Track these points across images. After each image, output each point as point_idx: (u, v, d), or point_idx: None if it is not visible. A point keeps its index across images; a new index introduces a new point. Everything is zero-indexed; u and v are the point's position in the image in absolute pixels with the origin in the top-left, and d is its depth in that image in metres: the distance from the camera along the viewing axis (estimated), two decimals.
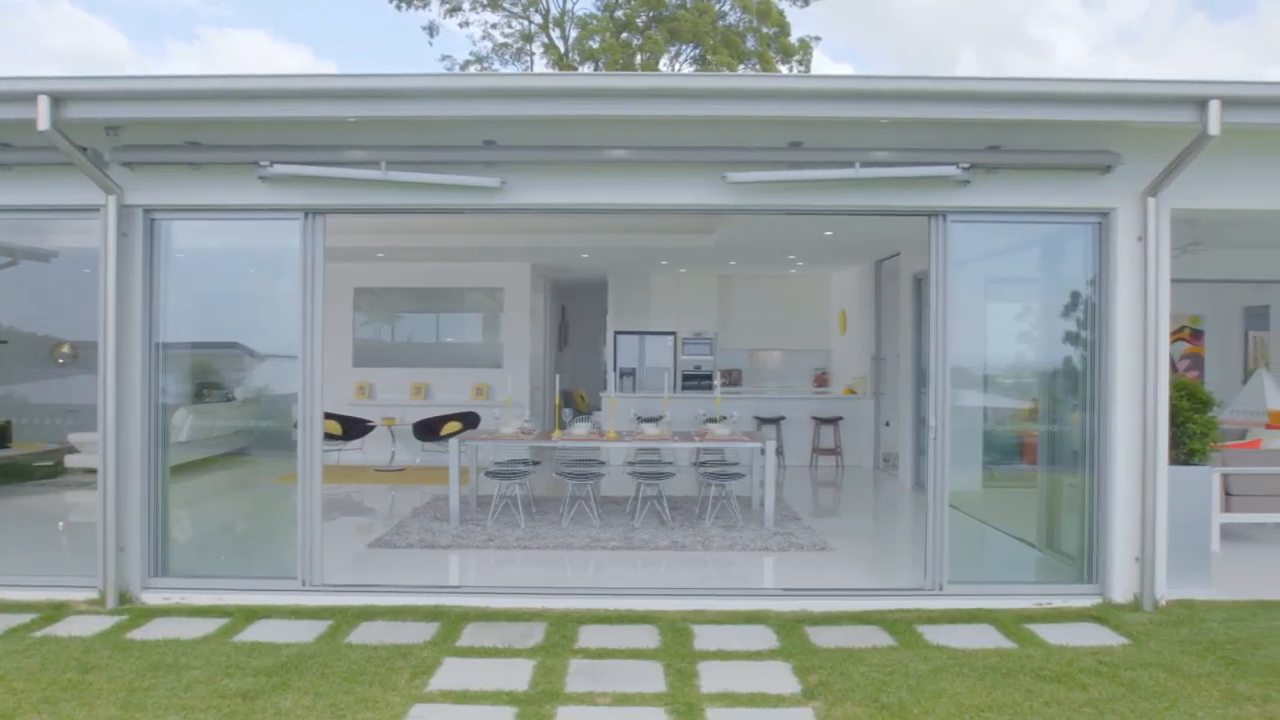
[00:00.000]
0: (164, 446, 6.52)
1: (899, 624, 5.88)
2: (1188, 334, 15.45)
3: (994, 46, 44.31)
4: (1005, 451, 7.45)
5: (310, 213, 6.42)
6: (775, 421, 12.98)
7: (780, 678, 4.95)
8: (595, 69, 30.87)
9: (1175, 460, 6.61)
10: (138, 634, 5.61)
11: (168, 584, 6.40)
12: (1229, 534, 8.45)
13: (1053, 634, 5.72)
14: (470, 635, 5.62)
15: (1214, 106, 5.56)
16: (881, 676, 4.93)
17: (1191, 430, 6.63)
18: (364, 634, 5.62)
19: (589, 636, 5.62)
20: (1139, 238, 6.27)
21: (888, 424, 12.76)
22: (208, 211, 6.49)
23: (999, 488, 7.50)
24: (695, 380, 15.25)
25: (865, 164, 6.00)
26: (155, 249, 6.46)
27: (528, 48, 32.20)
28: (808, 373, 16.05)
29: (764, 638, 5.62)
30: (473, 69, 31.14)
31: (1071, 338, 6.72)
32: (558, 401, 9.32)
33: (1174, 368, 15.25)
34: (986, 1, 43.39)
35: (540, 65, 31.81)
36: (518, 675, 4.94)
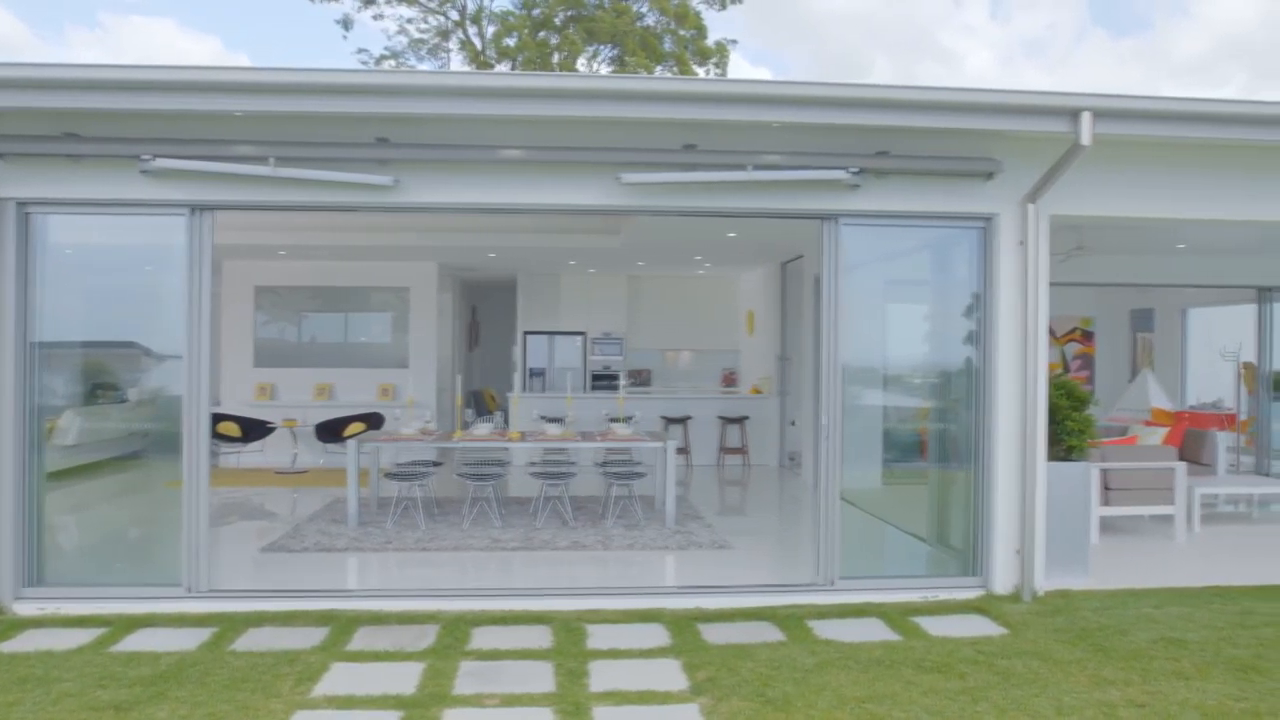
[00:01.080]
0: (39, 450, 6.26)
1: (790, 619, 5.99)
2: (1079, 335, 16.06)
3: (908, 55, 45.48)
4: (899, 448, 7.66)
5: (196, 208, 6.23)
6: (682, 421, 13.09)
7: (670, 675, 4.99)
8: (512, 67, 30.71)
9: (1054, 456, 6.87)
10: (6, 647, 5.37)
11: (43, 594, 6.14)
12: (1108, 526, 8.82)
13: (937, 626, 5.89)
14: (361, 639, 5.54)
15: (1086, 118, 5.80)
16: (769, 671, 5.01)
17: (1070, 427, 6.90)
18: (250, 640, 5.49)
19: (482, 638, 5.59)
20: (1020, 242, 6.50)
21: (793, 423, 12.98)
22: (87, 206, 6.25)
23: (894, 484, 7.72)
24: (605, 380, 15.28)
25: (757, 167, 6.10)
26: (31, 244, 6.20)
27: (444, 44, 31.86)
28: (717, 373, 16.22)
29: (657, 635, 5.67)
30: (387, 64, 30.70)
31: (960, 339, 6.92)
32: (459, 402, 9.25)
33: (1067, 367, 15.86)
34: (901, 11, 44.51)
35: (457, 62, 31.51)
36: (406, 678, 4.89)
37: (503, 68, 31.06)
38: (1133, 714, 4.49)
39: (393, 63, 30.97)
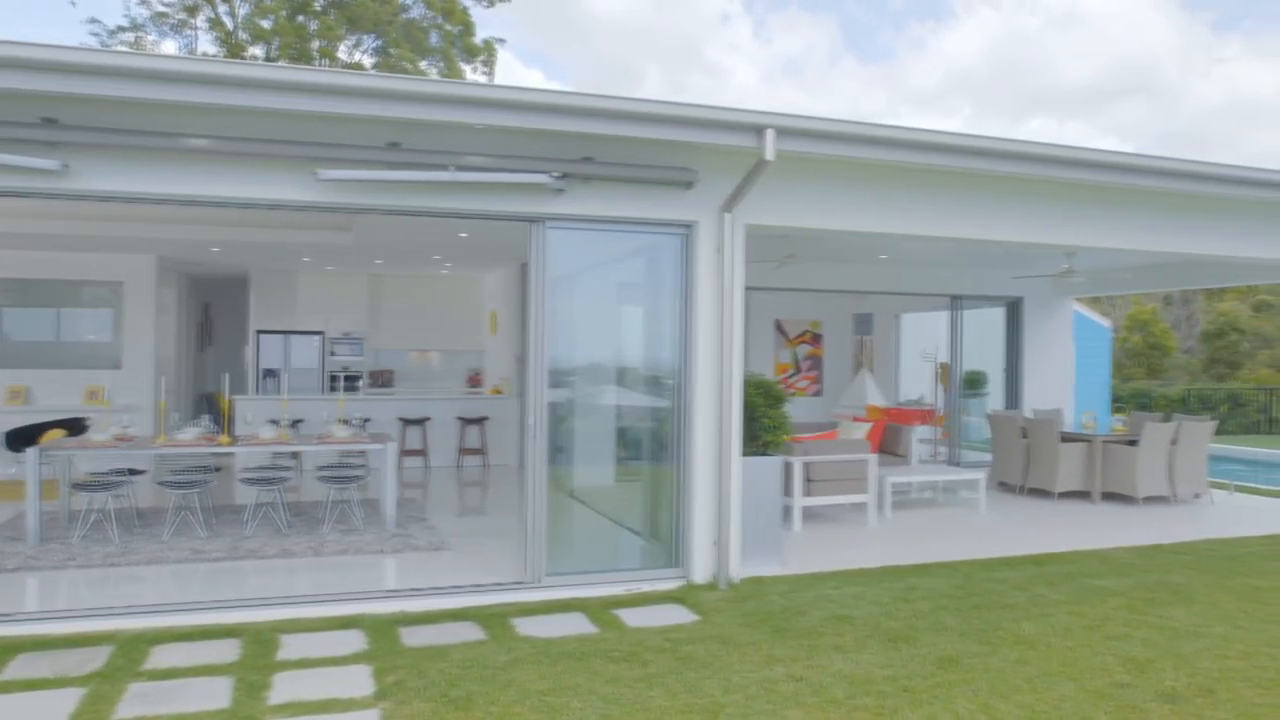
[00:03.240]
0: None
1: (494, 618, 6.03)
2: (810, 337, 17.20)
3: (678, 66, 47.20)
4: (619, 446, 7.89)
5: None
6: (420, 423, 12.87)
7: (358, 681, 4.90)
8: (266, 52, 29.19)
9: (752, 451, 7.31)
10: None
11: None
12: (812, 515, 9.51)
13: (636, 617, 6.12)
14: (17, 667, 5.05)
15: (770, 134, 6.22)
16: (459, 671, 5.02)
17: (766, 424, 7.37)
18: None
19: (162, 656, 5.25)
20: (717, 249, 6.87)
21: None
22: None
23: (614, 481, 7.95)
24: (345, 381, 14.78)
25: (460, 168, 6.09)
26: None
27: (191, 21, 29.78)
28: (462, 373, 16.08)
29: (355, 641, 5.54)
30: (128, 38, 28.38)
31: (669, 340, 7.21)
32: (162, 405, 8.62)
33: (799, 367, 16.94)
34: (672, 23, 46.16)
35: (205, 41, 29.62)
36: (61, 707, 4.51)
37: (256, 51, 29.53)
38: (791, 687, 4.85)
39: (131, 37, 28.68)
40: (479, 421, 13.09)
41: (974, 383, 14.91)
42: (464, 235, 10.25)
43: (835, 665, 5.18)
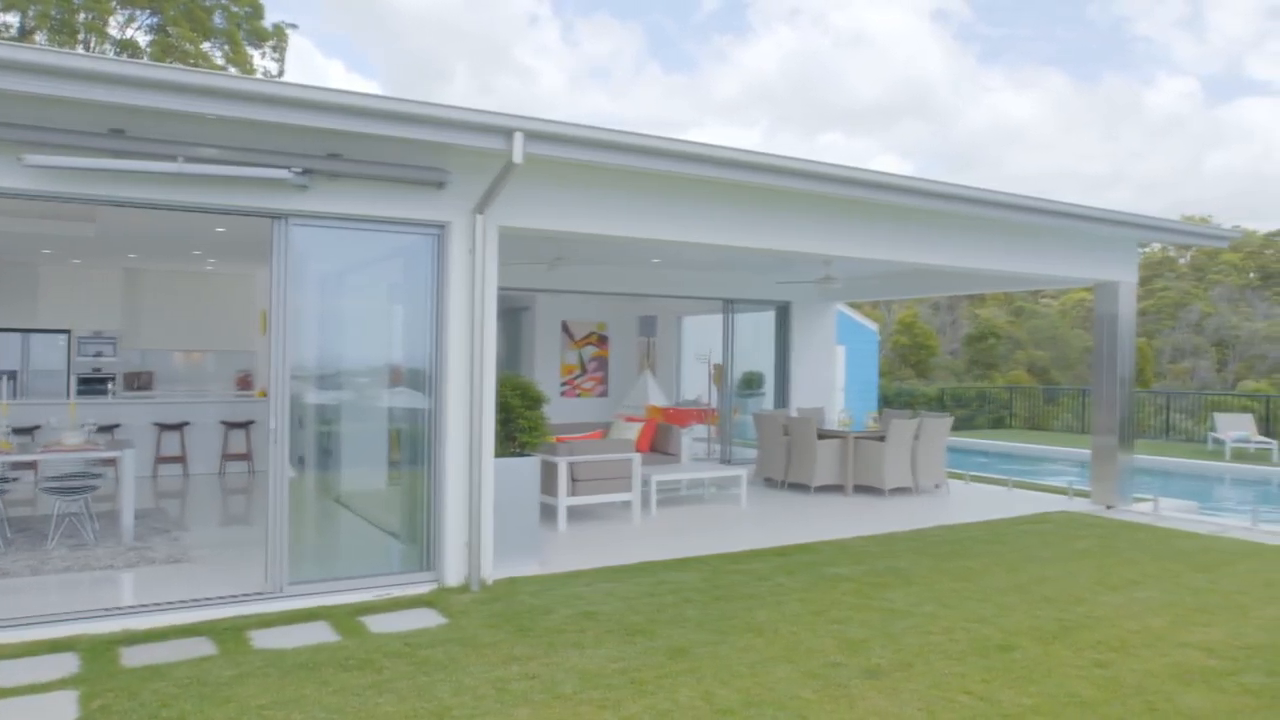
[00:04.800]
0: None
1: (229, 632, 5.77)
2: (595, 339, 17.44)
3: (487, 67, 46.74)
4: (380, 448, 7.72)
5: None
6: (178, 428, 12.11)
7: (60, 708, 4.56)
8: (22, 21, 26.57)
9: (510, 452, 7.35)
10: None
11: None
12: (579, 514, 9.65)
13: (382, 623, 6.01)
14: None
15: (518, 138, 6.28)
16: (176, 690, 4.77)
17: (523, 425, 7.43)
18: None
19: None
20: (470, 250, 6.86)
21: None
22: None
23: (376, 484, 7.77)
24: (96, 384, 13.69)
25: (190, 159, 5.79)
26: None
27: None
28: (231, 375, 15.26)
29: (65, 665, 5.16)
30: None
31: (424, 341, 7.12)
32: None
33: (584, 368, 17.15)
34: (481, 23, 45.68)
35: None
36: None
37: (9, 19, 26.82)
38: (523, 685, 4.91)
39: None
40: (244, 425, 12.46)
41: (751, 383, 15.60)
42: (221, 230, 9.74)
43: (571, 661, 5.28)
